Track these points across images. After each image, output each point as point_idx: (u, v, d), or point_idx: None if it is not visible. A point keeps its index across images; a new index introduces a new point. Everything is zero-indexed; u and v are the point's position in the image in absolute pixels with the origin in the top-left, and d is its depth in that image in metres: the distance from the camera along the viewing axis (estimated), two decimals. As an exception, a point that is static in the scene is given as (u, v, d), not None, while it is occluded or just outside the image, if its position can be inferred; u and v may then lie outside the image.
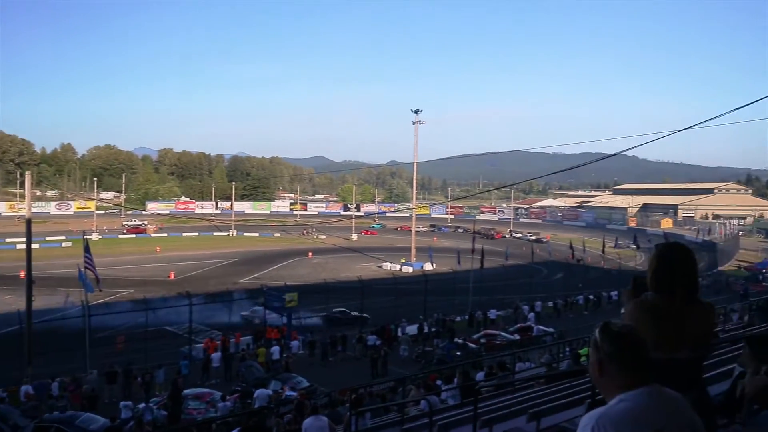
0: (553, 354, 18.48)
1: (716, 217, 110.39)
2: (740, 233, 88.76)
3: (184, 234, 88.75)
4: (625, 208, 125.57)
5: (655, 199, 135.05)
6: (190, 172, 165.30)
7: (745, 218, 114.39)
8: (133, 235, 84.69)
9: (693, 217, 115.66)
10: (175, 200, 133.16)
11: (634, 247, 69.71)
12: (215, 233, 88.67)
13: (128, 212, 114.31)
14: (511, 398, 10.12)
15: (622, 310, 3.08)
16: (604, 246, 58.85)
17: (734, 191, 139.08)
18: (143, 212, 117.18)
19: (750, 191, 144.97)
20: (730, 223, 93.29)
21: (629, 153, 25.74)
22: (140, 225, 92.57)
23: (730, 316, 22.57)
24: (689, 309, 2.65)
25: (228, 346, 26.50)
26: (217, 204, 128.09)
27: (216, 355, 24.67)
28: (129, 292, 41.74)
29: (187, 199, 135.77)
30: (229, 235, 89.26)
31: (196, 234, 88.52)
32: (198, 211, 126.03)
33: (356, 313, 34.03)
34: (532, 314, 35.18)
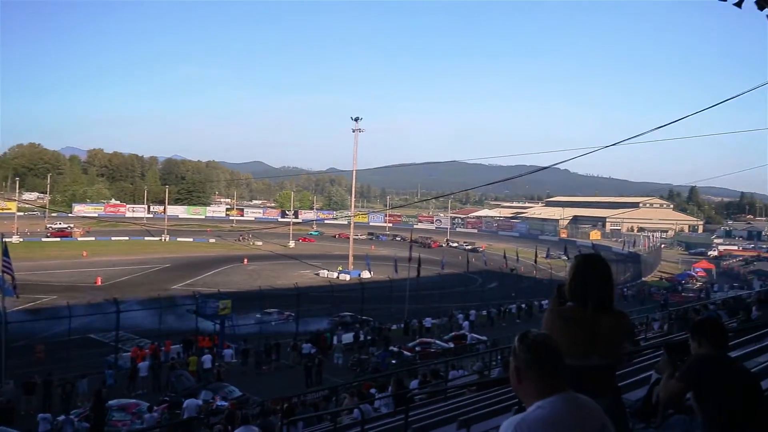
0: (485, 362, 18.80)
1: (641, 229, 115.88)
2: (662, 246, 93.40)
3: (113, 238, 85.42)
4: (557, 220, 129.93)
5: (585, 212, 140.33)
6: (121, 174, 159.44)
7: (666, 231, 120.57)
8: (58, 239, 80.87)
9: (620, 229, 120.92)
10: (104, 203, 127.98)
11: (565, 257, 72.01)
12: (147, 238, 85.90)
13: (53, 214, 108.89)
14: (444, 406, 10.22)
15: None
16: (536, 256, 60.58)
17: (657, 206, 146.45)
18: (69, 215, 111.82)
19: (671, 206, 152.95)
20: (653, 235, 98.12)
21: (561, 166, 26.65)
22: (66, 228, 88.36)
23: (651, 325, 23.60)
24: (600, 318, 2.74)
25: (159, 354, 25.63)
26: (149, 208, 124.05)
27: (144, 364, 23.79)
28: (51, 299, 39.82)
29: (118, 202, 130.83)
30: (161, 240, 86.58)
31: (126, 238, 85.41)
32: (129, 214, 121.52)
33: (361, 317, 35.44)
34: (466, 323, 35.74)
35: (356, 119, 63.34)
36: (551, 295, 3.29)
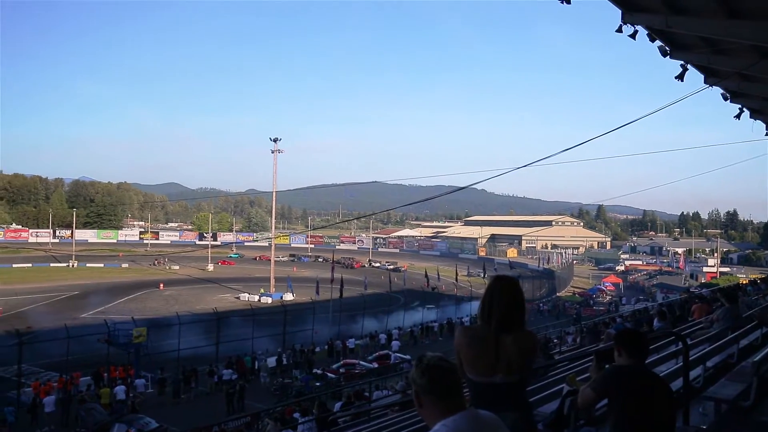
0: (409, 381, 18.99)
1: (554, 247, 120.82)
2: (574, 262, 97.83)
3: (14, 265, 79.90)
4: (476, 239, 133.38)
5: (502, 230, 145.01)
6: (22, 197, 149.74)
7: (578, 248, 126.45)
8: (-49, 267, 74.95)
9: (535, 246, 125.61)
10: (4, 228, 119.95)
11: (483, 276, 73.90)
12: (52, 264, 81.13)
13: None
14: (367, 427, 10.25)
15: None
16: (457, 274, 61.81)
17: (568, 224, 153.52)
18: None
19: (581, 224, 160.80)
20: (565, 252, 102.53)
21: (479, 187, 27.50)
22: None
23: (566, 338, 24.62)
24: (504, 338, 2.84)
25: (70, 389, 24.12)
26: (55, 232, 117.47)
27: (49, 399, 22.35)
28: (-56, 332, 36.67)
29: (19, 227, 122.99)
30: (69, 266, 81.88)
31: (30, 265, 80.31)
32: (32, 240, 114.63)
33: None
34: (395, 342, 35.90)
35: (275, 140, 62.86)
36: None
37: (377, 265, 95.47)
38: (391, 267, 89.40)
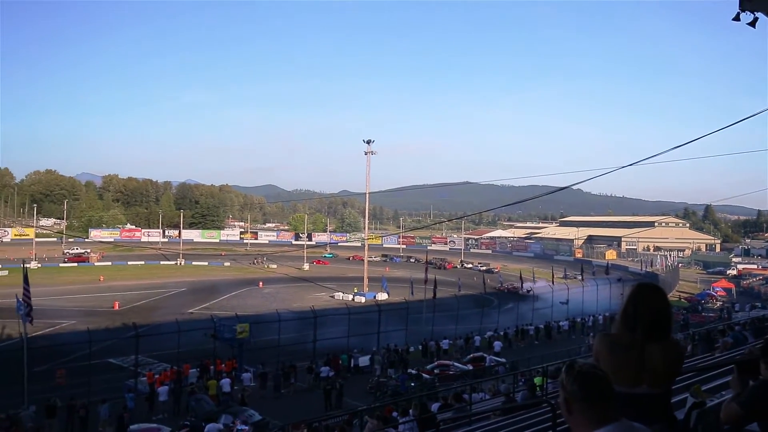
0: (509, 384, 18.61)
1: (657, 249, 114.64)
2: (679, 265, 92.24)
3: (129, 263, 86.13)
4: (572, 240, 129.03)
5: (600, 232, 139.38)
6: (136, 199, 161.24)
7: (684, 251, 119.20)
8: (75, 264, 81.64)
9: (635, 249, 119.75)
10: (120, 228, 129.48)
11: (581, 278, 71.36)
12: (162, 262, 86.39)
13: (70, 240, 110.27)
14: (469, 430, 10.15)
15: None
16: (553, 277, 60.06)
17: (673, 225, 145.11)
18: (86, 240, 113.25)
19: (687, 225, 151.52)
20: (670, 255, 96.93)
21: (574, 186, 26.58)
22: (82, 253, 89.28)
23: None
24: (650, 346, 2.69)
25: (180, 378, 25.64)
26: (164, 232, 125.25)
27: (163, 389, 23.85)
28: (71, 323, 39.98)
29: (133, 227, 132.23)
30: (176, 264, 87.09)
31: (142, 263, 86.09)
32: (144, 239, 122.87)
33: None
34: (498, 343, 35.71)
35: (368, 142, 63.62)
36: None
37: (469, 266, 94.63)
38: (484, 268, 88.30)
